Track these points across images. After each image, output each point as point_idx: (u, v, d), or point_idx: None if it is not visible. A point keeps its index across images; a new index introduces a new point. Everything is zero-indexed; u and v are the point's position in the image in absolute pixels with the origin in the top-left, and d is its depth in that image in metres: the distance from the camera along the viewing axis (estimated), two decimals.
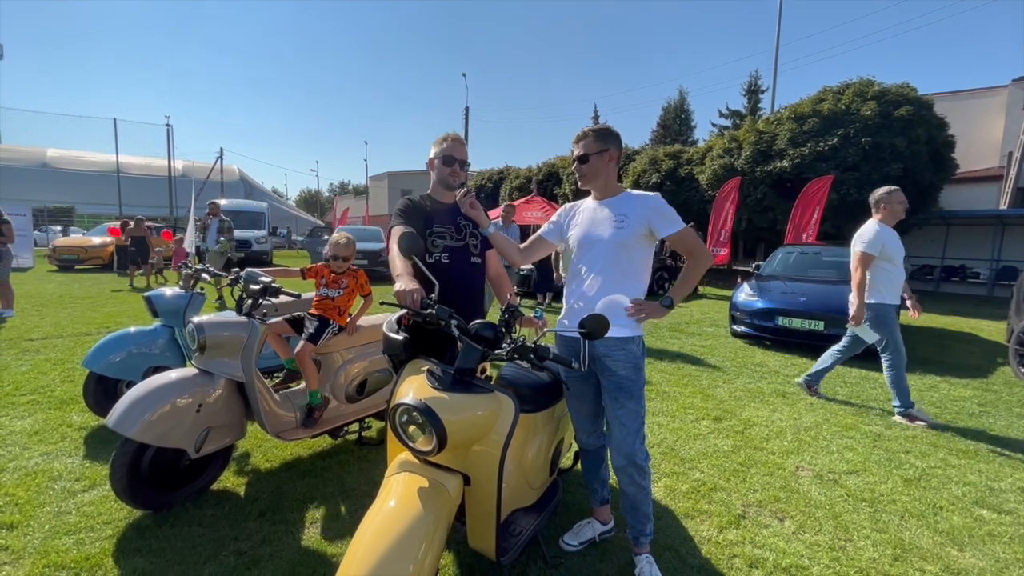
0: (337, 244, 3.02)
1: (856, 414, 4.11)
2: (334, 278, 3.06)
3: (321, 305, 3.03)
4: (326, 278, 3.06)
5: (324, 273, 3.07)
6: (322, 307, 3.02)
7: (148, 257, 11.10)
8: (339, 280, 3.06)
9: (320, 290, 3.06)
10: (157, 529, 2.30)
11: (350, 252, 3.05)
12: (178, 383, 2.43)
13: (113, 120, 30.51)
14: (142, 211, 30.69)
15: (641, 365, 2.02)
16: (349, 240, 3.05)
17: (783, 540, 2.37)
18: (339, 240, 3.03)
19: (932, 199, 13.42)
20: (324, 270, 3.07)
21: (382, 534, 1.39)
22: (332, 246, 3.02)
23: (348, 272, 3.09)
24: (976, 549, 2.35)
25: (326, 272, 3.06)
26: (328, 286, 3.04)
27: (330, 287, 3.04)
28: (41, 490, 2.60)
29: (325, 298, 3.04)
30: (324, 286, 3.05)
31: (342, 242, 3.03)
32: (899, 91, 12.61)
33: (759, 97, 29.47)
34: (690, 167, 16.43)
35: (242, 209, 17.88)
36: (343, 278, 3.07)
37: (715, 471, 3.04)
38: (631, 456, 1.98)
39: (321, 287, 3.06)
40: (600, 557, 2.22)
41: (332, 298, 3.04)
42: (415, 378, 1.73)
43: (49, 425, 3.39)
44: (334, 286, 3.05)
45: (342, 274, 3.08)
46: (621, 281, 2.02)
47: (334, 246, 3.02)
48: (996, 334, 7.98)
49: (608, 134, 2.03)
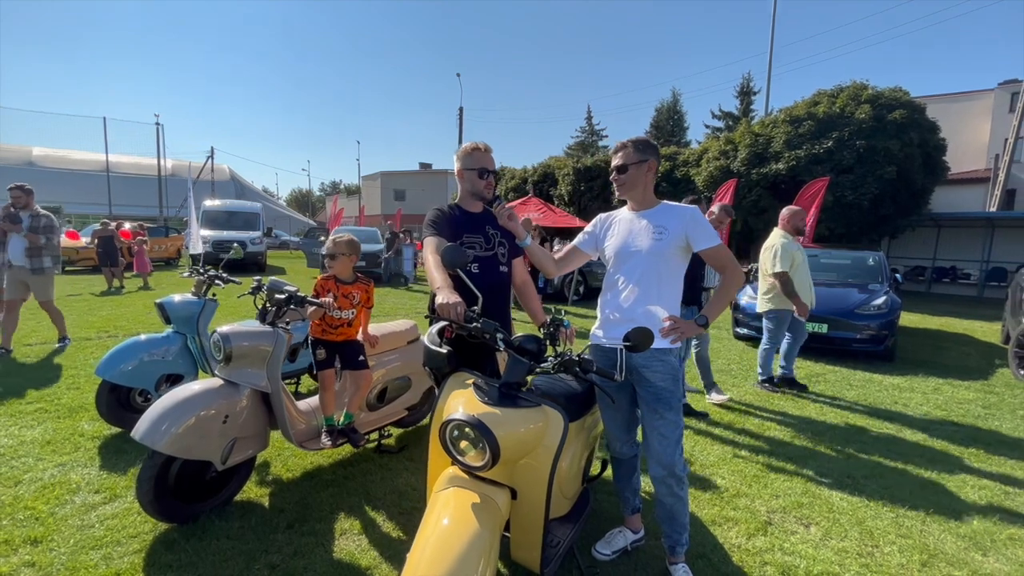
0: (334, 243, 2.77)
1: (865, 417, 4.16)
2: (344, 290, 2.78)
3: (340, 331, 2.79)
4: (335, 293, 2.75)
5: (331, 288, 2.76)
6: (342, 332, 2.79)
7: (116, 259, 10.96)
8: (350, 294, 2.79)
9: (332, 312, 2.72)
10: (185, 542, 2.27)
11: (354, 250, 2.82)
12: (204, 394, 2.40)
13: (103, 118, 30.06)
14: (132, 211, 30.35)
15: (679, 376, 2.03)
16: (352, 239, 2.83)
17: (811, 547, 2.39)
18: (341, 238, 2.79)
19: (924, 201, 13.65)
20: (329, 284, 2.76)
21: (442, 552, 1.38)
22: (334, 244, 2.77)
23: (358, 284, 2.85)
24: (999, 554, 2.39)
25: (333, 287, 2.76)
26: (340, 305, 2.74)
27: (343, 307, 2.75)
28: (61, 503, 2.55)
29: (341, 322, 2.78)
30: (335, 306, 2.73)
31: (335, 240, 2.78)
32: (892, 95, 12.81)
33: (752, 99, 29.73)
34: (686, 168, 16.54)
35: (236, 210, 17.70)
36: (354, 291, 2.80)
37: (736, 477, 3.07)
38: (671, 467, 1.99)
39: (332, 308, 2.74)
40: (634, 566, 2.23)
41: (349, 321, 2.82)
42: (462, 392, 1.72)
43: (60, 435, 3.33)
44: (346, 304, 2.77)
45: (351, 285, 2.81)
46: (657, 293, 2.03)
47: (336, 244, 2.76)
48: (991, 335, 8.12)
49: (648, 145, 2.03)
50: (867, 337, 5.95)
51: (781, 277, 4.45)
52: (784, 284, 4.44)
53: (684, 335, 2.00)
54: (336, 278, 2.82)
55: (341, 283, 2.82)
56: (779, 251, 4.50)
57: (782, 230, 4.71)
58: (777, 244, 4.56)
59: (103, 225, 11.49)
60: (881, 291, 6.42)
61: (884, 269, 7.09)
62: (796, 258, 4.52)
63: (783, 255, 4.47)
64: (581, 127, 39.99)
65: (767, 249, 4.67)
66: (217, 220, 16.53)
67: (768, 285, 4.67)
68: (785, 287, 4.44)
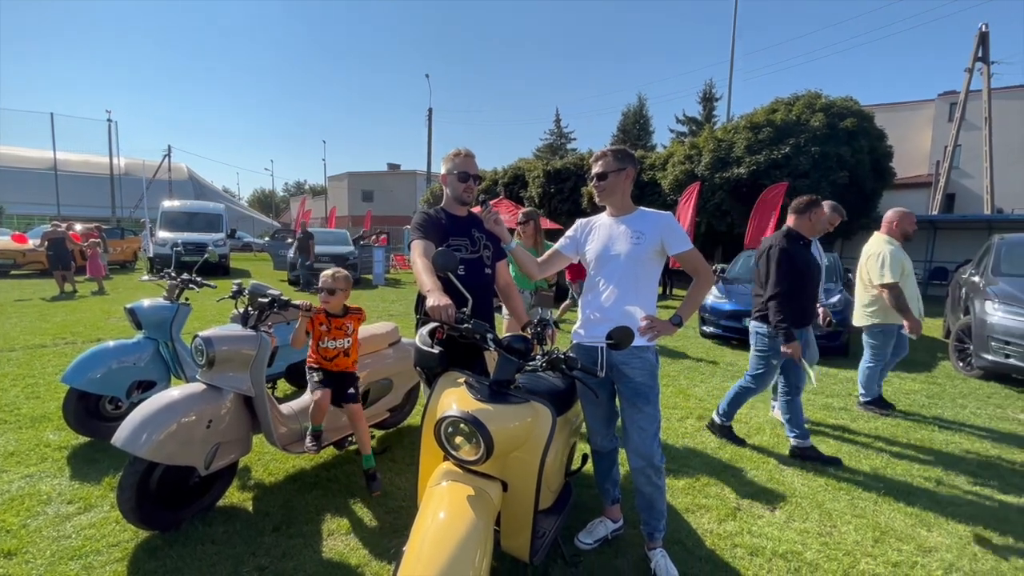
0: (332, 278, 2.74)
1: (821, 409, 4.43)
2: (337, 323, 2.78)
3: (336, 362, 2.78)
4: (327, 325, 2.76)
5: (320, 320, 2.76)
6: (338, 363, 2.79)
7: (68, 263, 10.49)
8: (343, 326, 2.79)
9: (327, 342, 2.76)
10: (169, 549, 2.25)
11: (350, 285, 2.84)
12: (187, 399, 2.38)
13: (50, 115, 28.49)
14: (82, 211, 28.90)
15: (656, 372, 2.16)
16: (347, 275, 2.83)
17: (776, 529, 2.57)
18: (330, 273, 2.77)
19: (873, 204, 14.45)
20: (319, 317, 2.76)
21: (440, 544, 1.44)
22: (322, 279, 2.76)
23: (349, 316, 2.83)
24: (942, 529, 2.62)
25: (323, 319, 2.76)
26: (333, 336, 2.77)
27: (337, 338, 2.77)
28: (32, 515, 2.48)
29: (336, 352, 2.78)
30: (328, 337, 2.76)
31: (334, 275, 2.76)
32: (843, 104, 13.53)
33: (714, 105, 30.68)
34: (652, 172, 16.96)
35: (198, 211, 17.08)
36: (346, 322, 2.80)
37: (707, 467, 3.23)
38: (649, 458, 2.11)
39: (325, 338, 2.76)
40: (615, 554, 2.34)
41: (345, 350, 2.81)
42: (455, 390, 1.79)
43: (24, 446, 3.21)
44: (339, 334, 2.78)
45: (343, 317, 2.80)
46: (635, 294, 2.15)
47: (324, 279, 2.75)
48: (934, 330, 8.67)
49: (626, 155, 2.16)
50: (822, 334, 6.29)
51: (893, 289, 3.90)
52: (896, 297, 3.89)
53: (660, 333, 2.13)
54: (327, 312, 2.77)
55: (333, 316, 2.78)
56: (887, 259, 3.95)
57: (887, 235, 4.16)
58: (884, 251, 4.02)
59: (53, 227, 10.95)
60: (836, 290, 6.80)
61: (838, 269, 7.51)
62: (905, 266, 4.01)
63: (892, 263, 3.93)
64: (550, 129, 40.36)
65: (870, 256, 4.12)
66: (177, 222, 15.92)
67: (871, 297, 4.15)
68: (897, 300, 3.89)
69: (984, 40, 15.73)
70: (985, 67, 15.97)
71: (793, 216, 3.44)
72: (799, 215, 3.41)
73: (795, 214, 3.43)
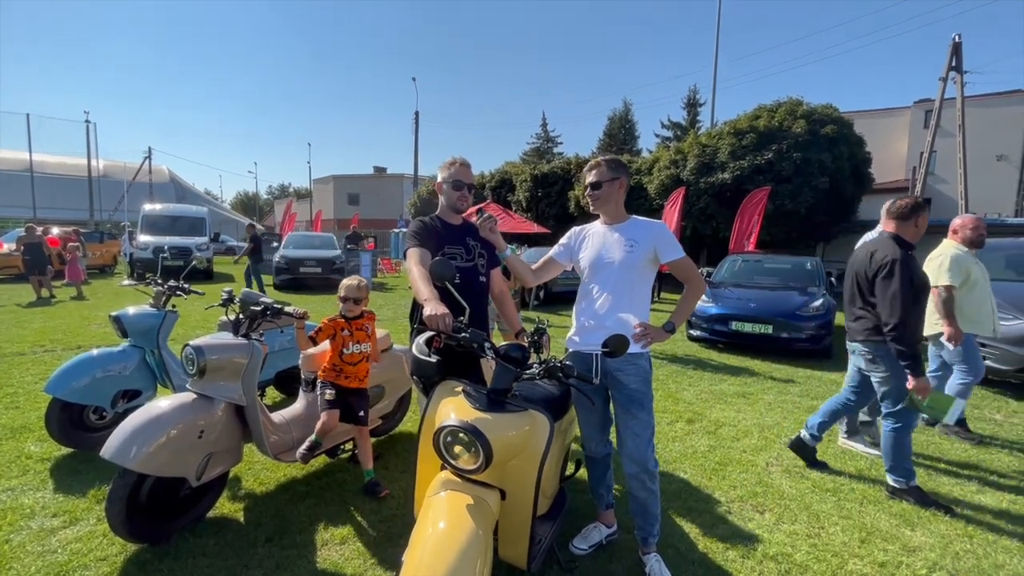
0: (357, 287, 2.77)
1: (807, 412, 4.51)
2: (358, 324, 2.79)
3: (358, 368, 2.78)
4: (348, 330, 2.75)
5: (342, 326, 2.75)
6: (359, 371, 2.79)
7: (45, 267, 10.26)
8: (363, 326, 2.81)
9: (351, 347, 2.74)
10: (159, 563, 2.22)
11: (365, 294, 2.85)
12: (177, 409, 2.35)
13: (26, 115, 27.84)
14: (60, 214, 28.23)
15: (650, 379, 2.19)
16: (363, 283, 2.85)
17: (766, 531, 2.61)
18: (355, 283, 2.79)
19: (853, 209, 14.80)
20: (340, 323, 2.75)
21: (441, 553, 1.45)
22: (347, 289, 2.76)
23: (365, 316, 2.85)
24: (924, 528, 2.69)
25: (344, 324, 2.75)
26: (357, 340, 2.77)
27: (360, 340, 2.78)
28: (16, 529, 2.42)
29: (361, 356, 2.79)
30: (352, 341, 2.75)
31: (359, 285, 2.80)
32: (824, 111, 13.86)
33: (698, 111, 31.16)
34: (638, 177, 17.14)
35: (180, 214, 16.76)
36: (365, 322, 2.83)
37: (697, 471, 3.28)
38: (643, 463, 2.14)
39: (349, 344, 2.74)
40: (609, 559, 2.36)
41: (367, 355, 2.82)
42: (453, 399, 1.80)
43: (4, 458, 3.13)
44: (361, 336, 2.79)
45: (360, 319, 2.82)
46: (629, 301, 2.18)
47: (350, 289, 2.76)
48: None
49: (619, 165, 2.19)
50: (807, 337, 6.43)
51: (944, 292, 3.65)
52: (944, 301, 3.65)
53: (654, 340, 2.16)
54: (346, 317, 2.78)
55: (352, 319, 2.80)
56: (947, 261, 3.72)
57: (953, 241, 3.92)
58: (946, 254, 3.79)
59: (29, 231, 10.65)
60: (819, 294, 6.95)
61: (820, 273, 7.67)
62: (972, 272, 3.75)
63: (952, 266, 3.69)
64: (537, 134, 40.58)
65: (932, 259, 3.86)
66: (159, 225, 15.60)
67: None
68: (945, 304, 3.65)
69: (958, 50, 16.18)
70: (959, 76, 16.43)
71: (895, 222, 3.00)
72: (903, 221, 2.98)
73: (898, 219, 2.99)
